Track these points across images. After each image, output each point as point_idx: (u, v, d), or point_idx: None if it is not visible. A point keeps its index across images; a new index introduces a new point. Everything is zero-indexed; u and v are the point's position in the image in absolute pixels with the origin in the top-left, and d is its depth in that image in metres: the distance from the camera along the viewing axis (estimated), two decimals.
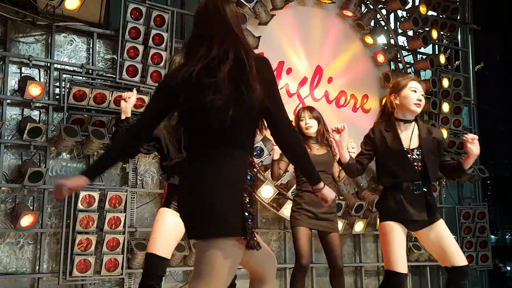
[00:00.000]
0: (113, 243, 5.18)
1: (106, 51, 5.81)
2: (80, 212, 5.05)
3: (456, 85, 7.95)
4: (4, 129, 5.09)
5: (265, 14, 6.40)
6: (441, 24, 8.07)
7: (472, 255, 7.47)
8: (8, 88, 5.22)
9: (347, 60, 7.30)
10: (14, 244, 5.12)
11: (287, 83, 6.69)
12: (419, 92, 3.53)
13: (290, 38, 6.81)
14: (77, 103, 5.26)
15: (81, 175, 2.25)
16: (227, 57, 2.10)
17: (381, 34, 7.58)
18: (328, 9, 7.21)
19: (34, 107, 5.25)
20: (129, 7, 5.51)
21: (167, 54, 5.69)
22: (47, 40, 5.49)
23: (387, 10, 7.74)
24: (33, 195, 5.20)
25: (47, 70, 5.44)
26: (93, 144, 5.20)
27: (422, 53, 8.09)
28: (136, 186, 5.67)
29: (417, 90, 3.52)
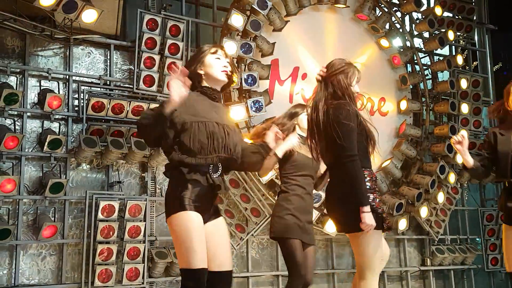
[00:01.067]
0: (133, 252, 5.20)
1: (123, 62, 5.88)
2: (101, 222, 5.09)
3: (475, 85, 7.86)
4: (25, 141, 5.16)
5: (279, 21, 6.41)
6: (457, 25, 7.99)
7: (496, 257, 7.34)
8: (28, 101, 5.31)
9: (363, 64, 7.25)
10: (36, 255, 5.18)
11: (303, 88, 6.67)
12: None
13: (305, 43, 6.81)
14: (95, 114, 5.32)
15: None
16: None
17: (397, 37, 7.54)
18: (343, 14, 7.19)
19: (54, 119, 5.33)
20: (145, 18, 5.58)
21: (183, 63, 5.72)
22: (65, 53, 5.58)
23: (402, 13, 7.69)
24: (55, 206, 5.26)
25: (66, 83, 5.52)
26: (112, 154, 5.25)
27: (439, 54, 8.02)
28: (155, 195, 5.70)
29: None
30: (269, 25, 6.41)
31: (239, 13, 6.00)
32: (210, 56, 2.89)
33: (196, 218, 2.70)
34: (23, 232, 5.08)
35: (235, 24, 5.95)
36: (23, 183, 5.10)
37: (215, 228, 2.84)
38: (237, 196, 5.83)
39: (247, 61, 6.13)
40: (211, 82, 2.91)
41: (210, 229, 2.81)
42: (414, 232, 7.37)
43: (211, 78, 2.89)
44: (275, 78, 6.48)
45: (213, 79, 2.89)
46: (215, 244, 2.79)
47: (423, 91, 7.63)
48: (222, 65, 2.89)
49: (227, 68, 2.90)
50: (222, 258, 2.78)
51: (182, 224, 2.68)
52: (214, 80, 2.90)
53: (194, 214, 2.70)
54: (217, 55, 2.91)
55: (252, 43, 6.05)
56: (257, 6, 6.11)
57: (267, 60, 6.39)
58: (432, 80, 7.77)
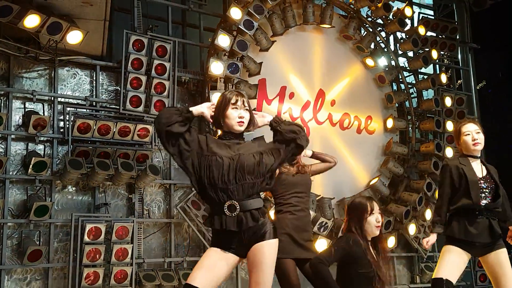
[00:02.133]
0: (121, 275, 5.11)
1: (110, 83, 5.85)
2: (87, 245, 5.00)
3: (459, 103, 7.96)
4: (9, 164, 5.09)
5: (265, 41, 6.45)
6: (441, 44, 8.13)
7: (485, 274, 7.24)
8: (12, 124, 5.25)
9: (349, 83, 7.33)
10: (21, 280, 5.06)
11: (290, 107, 6.70)
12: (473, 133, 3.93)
13: (291, 63, 6.86)
14: (81, 136, 5.27)
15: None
16: None
17: (382, 56, 7.64)
18: (328, 34, 7.27)
19: (39, 141, 5.27)
20: (131, 39, 5.57)
21: (170, 84, 5.72)
22: (50, 74, 5.55)
23: (386, 33, 7.80)
24: (40, 229, 5.16)
25: (51, 104, 5.48)
26: (98, 175, 5.19)
27: (423, 73, 8.12)
28: (142, 216, 5.63)
29: (470, 133, 3.92)
30: (256, 45, 6.45)
31: (226, 33, 6.03)
32: (229, 110, 3.03)
33: (212, 250, 2.97)
34: (8, 257, 4.98)
35: (221, 45, 5.98)
36: (7, 206, 5.01)
37: (254, 254, 2.94)
38: None
39: (234, 80, 6.14)
40: (229, 129, 3.07)
41: (251, 254, 2.95)
42: (403, 250, 7.36)
43: (229, 127, 3.06)
44: (262, 98, 6.50)
45: (231, 128, 3.05)
46: (254, 269, 2.93)
47: (409, 109, 7.70)
48: (238, 116, 3.03)
49: (243, 119, 3.04)
50: (259, 281, 2.90)
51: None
52: (231, 129, 3.06)
53: (214, 249, 2.98)
54: (236, 105, 3.04)
55: (239, 63, 6.07)
56: (243, 26, 6.15)
57: (255, 80, 6.41)
58: (417, 98, 7.86)
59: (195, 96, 6.24)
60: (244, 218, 2.86)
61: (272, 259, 2.93)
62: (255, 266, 2.90)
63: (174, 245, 5.78)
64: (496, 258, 3.75)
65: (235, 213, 2.86)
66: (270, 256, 2.91)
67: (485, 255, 3.79)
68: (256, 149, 3.00)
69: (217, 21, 6.42)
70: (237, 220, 2.86)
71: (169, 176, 5.91)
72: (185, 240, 5.92)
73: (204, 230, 5.70)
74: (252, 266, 2.91)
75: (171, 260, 5.69)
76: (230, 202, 2.87)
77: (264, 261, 2.89)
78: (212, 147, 2.96)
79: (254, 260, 2.90)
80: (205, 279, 2.85)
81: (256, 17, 6.27)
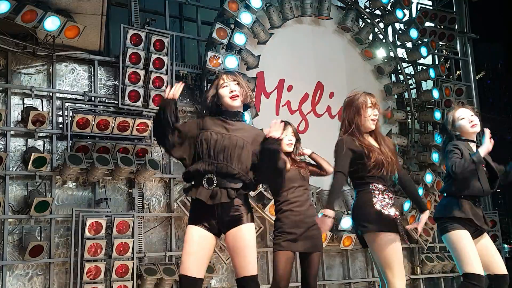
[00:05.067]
0: (122, 270, 5.13)
1: (108, 78, 5.85)
2: (88, 240, 5.02)
3: (458, 94, 7.95)
4: (9, 160, 5.09)
5: (263, 34, 6.44)
6: (439, 34, 8.10)
7: None
8: (12, 120, 5.25)
9: (347, 75, 7.31)
10: (23, 275, 5.08)
11: (289, 100, 6.69)
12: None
13: (289, 56, 6.85)
14: (80, 131, 5.27)
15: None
16: None
17: (380, 47, 7.61)
18: (326, 26, 7.25)
19: (38, 137, 5.27)
20: (129, 33, 5.56)
21: (168, 78, 5.71)
22: (48, 70, 5.54)
23: (384, 24, 7.78)
24: (40, 225, 5.17)
25: (50, 100, 5.47)
26: (98, 170, 5.19)
27: (422, 64, 8.10)
28: (143, 211, 5.64)
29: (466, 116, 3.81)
30: (254, 38, 6.44)
31: (224, 26, 6.02)
32: (220, 89, 3.10)
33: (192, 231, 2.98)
34: (9, 252, 4.99)
35: (219, 38, 5.96)
36: (7, 202, 5.02)
37: (233, 239, 2.96)
38: None
39: None
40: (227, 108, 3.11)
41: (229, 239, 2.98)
42: (403, 241, 7.35)
43: (226, 106, 3.10)
44: (261, 91, 6.50)
45: (228, 106, 3.09)
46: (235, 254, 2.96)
47: (408, 101, 7.69)
48: (229, 91, 3.07)
49: (235, 92, 3.06)
50: (242, 264, 2.94)
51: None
52: (228, 106, 3.09)
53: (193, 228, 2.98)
54: (225, 83, 3.09)
55: (237, 56, 6.06)
56: (241, 19, 6.13)
57: (253, 73, 6.40)
58: (416, 89, 7.84)
59: (193, 90, 6.23)
60: (219, 193, 2.91)
61: (252, 242, 2.96)
62: (236, 251, 2.94)
63: (174, 239, 5.79)
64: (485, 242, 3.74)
65: (212, 187, 2.92)
66: (250, 238, 2.96)
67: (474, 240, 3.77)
68: (249, 138, 3.02)
69: (215, 14, 6.40)
70: (211, 193, 2.91)
71: (168, 171, 5.92)
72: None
73: None
74: (233, 252, 2.96)
75: (172, 254, 5.71)
76: (209, 175, 2.92)
77: (245, 245, 2.93)
78: (208, 124, 3.05)
79: (234, 245, 2.95)
80: (197, 265, 2.93)
81: (254, 9, 6.26)
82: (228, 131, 3.01)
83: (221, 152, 2.94)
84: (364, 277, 7.04)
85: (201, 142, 2.98)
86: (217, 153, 2.94)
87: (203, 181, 2.93)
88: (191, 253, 2.95)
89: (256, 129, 3.23)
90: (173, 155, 3.08)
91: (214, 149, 2.94)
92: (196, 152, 3.01)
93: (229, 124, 3.05)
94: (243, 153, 2.96)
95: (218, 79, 3.15)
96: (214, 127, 3.03)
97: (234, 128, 3.04)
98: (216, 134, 2.98)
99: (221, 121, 3.07)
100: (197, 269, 2.92)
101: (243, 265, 2.92)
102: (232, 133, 3.00)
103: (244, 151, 2.97)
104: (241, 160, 2.95)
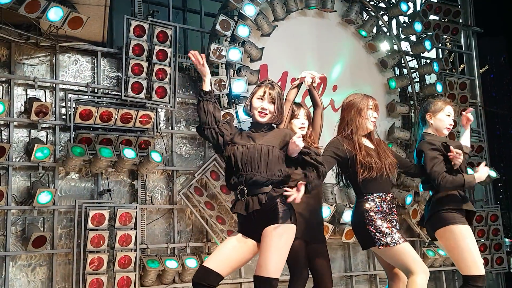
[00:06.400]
0: (125, 261, 5.15)
1: (111, 69, 5.83)
2: (91, 231, 5.03)
3: (462, 88, 7.91)
4: (12, 151, 5.09)
5: (267, 26, 6.42)
6: (444, 27, 8.06)
7: (487, 258, 7.36)
8: (15, 110, 5.24)
9: (351, 68, 7.29)
10: (26, 266, 5.10)
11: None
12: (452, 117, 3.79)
13: (293, 48, 6.82)
14: (83, 122, 5.27)
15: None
16: None
17: (384, 40, 7.57)
18: (330, 18, 7.22)
19: (41, 128, 5.27)
20: (132, 24, 5.54)
21: (171, 70, 5.70)
22: (52, 60, 5.53)
23: (388, 17, 7.74)
24: (43, 216, 5.19)
25: (53, 91, 5.47)
26: (101, 162, 5.20)
27: (426, 57, 8.07)
28: (145, 203, 5.65)
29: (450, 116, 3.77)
30: (257, 30, 6.41)
31: (227, 18, 5.99)
32: (254, 99, 3.17)
33: (231, 236, 3.12)
34: (12, 243, 5.01)
35: (223, 30, 5.94)
36: (11, 193, 5.03)
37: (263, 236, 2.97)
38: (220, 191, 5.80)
39: (235, 66, 6.12)
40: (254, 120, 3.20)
41: (262, 236, 2.98)
42: (405, 234, 7.37)
43: (253, 117, 3.20)
44: None
45: (254, 118, 3.19)
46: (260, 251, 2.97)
47: (411, 94, 7.67)
48: (260, 107, 3.13)
49: (265, 111, 3.12)
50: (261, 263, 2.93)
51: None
52: (255, 119, 3.18)
53: (233, 234, 3.13)
54: (262, 97, 3.14)
55: (241, 48, 6.04)
56: (244, 11, 6.10)
57: (256, 65, 6.38)
58: (419, 83, 7.82)
59: (196, 82, 6.22)
60: (251, 201, 2.96)
61: (279, 243, 2.90)
62: (261, 248, 2.96)
63: (177, 231, 5.81)
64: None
65: (244, 197, 2.99)
66: (278, 239, 2.90)
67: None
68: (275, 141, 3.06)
69: (218, 6, 6.37)
70: (245, 204, 2.98)
71: (171, 163, 5.92)
72: (188, 226, 5.95)
73: (206, 216, 5.72)
74: (260, 248, 2.98)
75: (174, 245, 5.72)
76: (241, 187, 3.00)
77: (269, 244, 2.90)
78: (236, 138, 3.13)
79: (261, 242, 2.96)
80: (220, 261, 2.96)
81: (258, 1, 6.23)
82: (254, 141, 3.07)
83: (248, 164, 2.99)
84: (365, 270, 7.06)
85: (229, 157, 3.07)
86: (245, 164, 2.99)
87: (238, 193, 3.04)
88: (220, 249, 3.05)
89: (284, 130, 3.24)
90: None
91: (241, 161, 3.00)
92: (227, 165, 3.12)
93: (256, 135, 3.12)
94: (270, 159, 3.00)
95: (258, 87, 3.19)
96: (240, 141, 3.10)
97: (260, 136, 3.11)
98: (242, 146, 3.05)
99: (248, 134, 3.14)
100: (216, 264, 2.96)
101: (261, 264, 2.91)
102: (257, 141, 3.06)
103: (270, 156, 3.00)
104: (269, 167, 2.99)
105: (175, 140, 6.04)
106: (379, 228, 3.29)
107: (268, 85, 3.17)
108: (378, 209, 3.36)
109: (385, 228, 3.29)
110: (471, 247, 3.47)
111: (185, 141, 6.16)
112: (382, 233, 3.28)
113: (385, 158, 3.45)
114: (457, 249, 3.49)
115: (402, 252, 3.27)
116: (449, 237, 3.52)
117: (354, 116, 3.54)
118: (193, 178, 5.82)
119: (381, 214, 3.35)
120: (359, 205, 3.44)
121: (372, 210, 3.34)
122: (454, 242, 3.50)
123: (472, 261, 3.44)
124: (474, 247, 3.49)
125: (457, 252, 3.49)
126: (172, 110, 5.94)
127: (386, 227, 3.30)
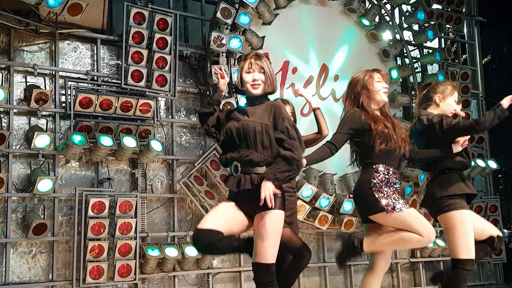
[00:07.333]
0: (125, 249, 5.16)
1: (111, 57, 5.80)
2: (91, 219, 5.04)
3: (464, 78, 7.88)
4: (12, 138, 5.08)
5: (268, 14, 6.37)
6: (447, 17, 8.00)
7: None
8: (14, 98, 5.22)
9: (353, 57, 7.24)
10: (26, 253, 5.12)
11: (293, 82, 6.64)
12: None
13: (294, 37, 6.78)
14: (83, 110, 5.25)
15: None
16: None
17: (387, 30, 7.52)
18: (332, 7, 7.17)
19: (41, 115, 5.25)
20: (132, 11, 5.50)
21: (172, 58, 5.67)
22: (51, 48, 5.50)
23: (391, 5, 7.68)
24: (44, 203, 5.19)
25: (52, 78, 5.44)
26: (101, 150, 5.19)
27: (429, 47, 8.02)
28: (145, 191, 5.65)
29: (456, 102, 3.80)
30: (259, 18, 6.37)
31: (228, 6, 5.95)
32: (244, 74, 3.12)
33: (222, 202, 3.10)
34: (13, 230, 5.02)
35: (223, 18, 5.90)
36: (11, 180, 5.03)
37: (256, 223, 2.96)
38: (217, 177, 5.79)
39: (236, 55, 6.08)
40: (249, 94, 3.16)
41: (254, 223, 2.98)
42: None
43: (247, 92, 3.15)
44: None
45: (249, 93, 3.15)
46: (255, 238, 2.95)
47: (413, 84, 7.63)
48: (251, 79, 3.09)
49: (257, 81, 3.08)
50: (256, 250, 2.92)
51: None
52: (249, 93, 3.15)
53: (224, 201, 3.10)
54: (250, 69, 3.10)
55: (241, 37, 6.01)
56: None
57: None
58: (421, 73, 7.78)
59: (196, 71, 6.19)
60: (243, 179, 2.94)
61: (272, 230, 2.91)
62: (255, 236, 2.95)
63: (177, 220, 5.82)
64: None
65: (237, 174, 2.97)
66: (270, 226, 2.91)
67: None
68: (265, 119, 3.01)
69: None
70: (237, 180, 2.96)
71: (171, 152, 5.91)
72: (188, 214, 5.96)
73: (206, 205, 5.72)
74: (254, 235, 2.97)
75: (174, 234, 5.74)
76: (236, 163, 2.98)
77: (262, 231, 2.91)
78: (233, 114, 3.10)
79: (254, 229, 2.96)
80: (213, 220, 2.92)
81: None
82: (249, 116, 3.03)
83: (244, 140, 2.96)
84: (364, 259, 7.06)
85: (225, 132, 3.03)
86: (242, 140, 2.97)
87: (232, 169, 3.01)
88: (214, 210, 3.03)
89: (270, 102, 3.14)
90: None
91: (237, 137, 2.98)
92: (223, 141, 3.08)
93: (250, 110, 3.07)
94: (265, 138, 2.97)
95: (244, 61, 3.14)
96: (236, 116, 3.07)
97: (254, 111, 3.06)
98: (235, 122, 3.02)
99: (244, 110, 3.10)
100: (212, 223, 2.89)
101: (258, 251, 2.91)
102: (251, 117, 3.02)
103: (266, 136, 2.97)
104: (265, 145, 2.97)
105: (175, 129, 6.03)
106: (386, 193, 3.29)
107: (253, 56, 3.14)
108: (386, 178, 3.35)
109: (392, 193, 3.30)
110: (468, 232, 3.54)
111: (185, 130, 6.14)
112: (390, 198, 3.28)
113: (399, 131, 3.44)
114: (452, 232, 3.57)
115: (409, 217, 3.25)
116: (448, 222, 3.59)
117: (360, 90, 3.48)
118: (193, 167, 5.81)
119: (388, 182, 3.35)
120: (366, 173, 3.42)
121: (379, 179, 3.34)
122: (452, 227, 3.57)
123: (464, 245, 3.51)
124: (470, 232, 3.55)
125: (452, 235, 3.57)
126: (172, 99, 5.92)
127: (392, 192, 3.31)
